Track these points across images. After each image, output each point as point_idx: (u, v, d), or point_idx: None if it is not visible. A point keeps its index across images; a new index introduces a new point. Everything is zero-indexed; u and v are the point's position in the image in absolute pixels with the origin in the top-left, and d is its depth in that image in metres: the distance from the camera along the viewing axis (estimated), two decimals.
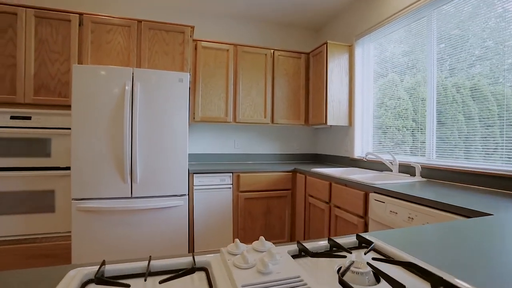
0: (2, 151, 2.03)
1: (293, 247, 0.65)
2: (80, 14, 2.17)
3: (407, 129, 2.22)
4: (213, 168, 2.54)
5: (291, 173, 2.78)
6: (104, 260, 0.55)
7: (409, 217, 1.34)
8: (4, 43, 2.04)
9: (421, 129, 2.09)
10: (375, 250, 0.67)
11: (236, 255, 0.59)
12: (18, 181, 2.05)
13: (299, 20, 3.32)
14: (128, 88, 2.06)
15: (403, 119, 2.25)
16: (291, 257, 0.59)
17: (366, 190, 1.71)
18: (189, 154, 3.12)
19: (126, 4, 2.86)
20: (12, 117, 2.04)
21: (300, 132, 3.54)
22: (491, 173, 1.55)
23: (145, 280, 0.48)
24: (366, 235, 0.72)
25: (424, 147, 2.07)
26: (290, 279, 0.50)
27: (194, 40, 2.76)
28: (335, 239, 0.68)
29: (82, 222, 2.02)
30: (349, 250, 0.59)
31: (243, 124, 3.05)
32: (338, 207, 2.03)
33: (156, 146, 2.16)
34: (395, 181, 1.79)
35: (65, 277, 0.51)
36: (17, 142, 2.05)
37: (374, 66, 2.63)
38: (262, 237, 0.64)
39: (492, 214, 1.01)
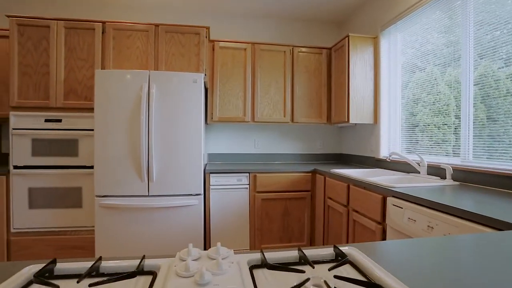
0: (38, 151, 2.23)
1: (257, 256, 0.59)
2: (103, 22, 2.31)
3: (438, 128, 1.98)
4: (230, 168, 2.53)
5: (310, 174, 2.66)
6: (55, 259, 0.54)
7: (428, 226, 1.18)
8: (39, 53, 2.24)
9: (455, 127, 1.85)
10: (355, 265, 0.58)
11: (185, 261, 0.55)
12: (51, 178, 2.25)
13: (320, 14, 3.16)
14: (144, 90, 2.14)
15: (436, 116, 2.01)
16: (247, 268, 0.53)
17: (384, 193, 1.56)
18: (210, 154, 3.15)
19: (144, 9, 2.99)
20: (46, 120, 2.24)
21: (323, 131, 3.38)
22: None
23: (78, 282, 0.46)
24: (346, 247, 0.63)
25: (458, 146, 1.82)
26: None
27: (211, 41, 2.78)
28: (304, 250, 0.60)
29: (104, 217, 2.15)
30: (312, 263, 0.51)
31: (262, 124, 3.00)
32: (356, 211, 1.88)
33: (171, 145, 2.21)
34: (420, 184, 1.60)
35: (16, 274, 0.51)
36: (50, 142, 2.25)
37: (401, 58, 2.39)
38: (218, 243, 0.59)
39: None
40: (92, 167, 2.29)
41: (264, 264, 0.55)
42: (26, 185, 2.23)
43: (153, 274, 0.54)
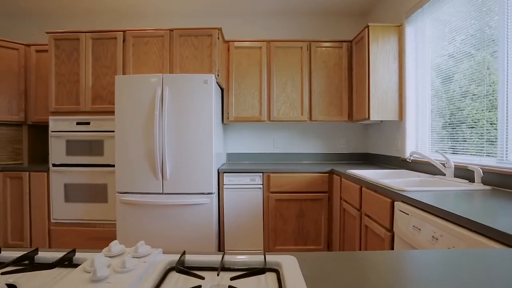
0: (71, 151, 2.49)
1: (182, 258, 0.57)
2: (124, 31, 2.48)
3: (466, 125, 1.72)
4: (243, 168, 2.53)
5: (327, 175, 2.53)
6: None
7: (433, 237, 1.03)
8: (71, 63, 2.50)
9: (491, 123, 1.58)
10: (279, 276, 0.52)
11: (111, 256, 0.55)
12: (81, 175, 2.49)
13: (340, 6, 2.98)
14: (158, 93, 2.24)
15: (470, 110, 1.75)
16: (161, 269, 0.52)
17: (393, 197, 1.40)
18: (229, 153, 3.19)
19: (160, 16, 3.15)
20: (77, 123, 2.49)
21: (347, 129, 3.19)
22: None
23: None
24: (283, 256, 0.57)
25: (494, 145, 1.56)
26: None
27: (226, 42, 2.81)
28: (231, 255, 0.56)
29: (124, 212, 2.31)
30: (201, 276, 0.48)
31: (280, 123, 2.94)
32: (368, 216, 1.73)
33: (183, 145, 2.28)
34: (439, 188, 1.41)
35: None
36: (81, 143, 2.48)
37: (431, 46, 2.13)
38: (141, 242, 0.58)
39: None
40: (114, 165, 2.47)
41: (173, 268, 0.53)
42: (62, 181, 2.50)
43: (75, 266, 0.55)
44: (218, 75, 2.52)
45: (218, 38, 2.50)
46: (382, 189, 1.50)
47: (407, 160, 1.90)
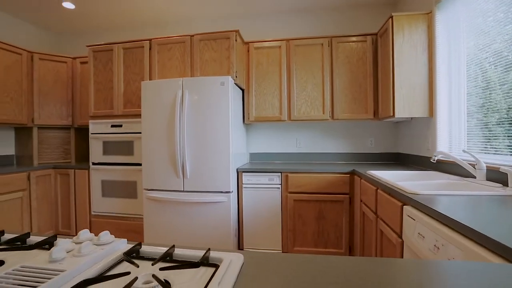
0: (107, 151, 2.76)
1: (136, 248, 0.61)
2: (149, 40, 2.67)
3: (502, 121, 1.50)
4: (261, 168, 2.55)
5: (348, 175, 2.41)
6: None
7: (435, 246, 0.93)
8: (107, 72, 2.77)
9: None
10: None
11: (77, 243, 0.63)
12: (115, 173, 2.75)
13: None
14: (178, 96, 2.37)
15: None
16: (113, 256, 0.57)
17: (404, 201, 1.29)
18: (251, 153, 3.23)
19: (181, 22, 3.31)
20: (112, 126, 2.76)
21: (374, 127, 3.00)
22: None
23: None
24: (232, 253, 0.58)
25: None
26: (51, 270, 0.49)
27: (246, 43, 2.85)
28: (181, 249, 0.58)
29: (150, 208, 2.49)
30: (136, 264, 0.51)
31: (302, 122, 2.90)
32: (383, 220, 1.62)
33: (202, 145, 2.38)
34: (461, 192, 1.26)
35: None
36: (115, 144, 2.74)
37: (466, 33, 1.90)
38: (106, 231, 0.64)
39: None
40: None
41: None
42: (100, 178, 2.79)
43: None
44: (236, 76, 2.57)
45: (235, 40, 2.55)
46: (395, 192, 1.40)
47: (431, 160, 1.73)
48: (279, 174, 2.53)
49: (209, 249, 0.58)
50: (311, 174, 2.46)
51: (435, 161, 1.72)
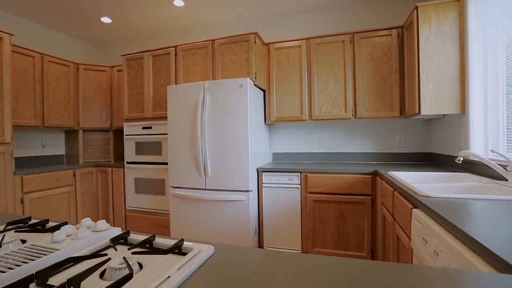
0: (139, 151, 3.01)
1: (124, 235, 0.70)
2: (175, 46, 2.85)
3: None
4: (281, 167, 2.57)
5: (370, 176, 2.32)
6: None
7: (435, 251, 0.88)
8: (138, 78, 3.02)
9: None
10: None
11: (79, 228, 0.73)
12: (146, 171, 2.98)
13: None
14: (200, 99, 2.50)
15: None
16: (104, 241, 0.66)
17: (414, 204, 1.23)
18: (274, 153, 3.26)
19: (205, 28, 3.44)
20: (143, 128, 2.99)
21: (404, 126, 2.83)
22: None
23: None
24: (195, 245, 0.63)
25: None
26: (50, 249, 0.59)
27: (266, 44, 2.89)
28: (160, 238, 0.65)
29: (175, 204, 2.66)
30: (116, 248, 0.58)
31: (326, 122, 2.86)
32: (398, 224, 1.54)
33: (222, 146, 2.47)
34: (488, 196, 1.15)
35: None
36: (145, 144, 2.98)
37: (505, 19, 1.71)
38: (102, 220, 0.73)
39: None
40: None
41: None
42: (133, 175, 3.05)
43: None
44: (256, 78, 2.62)
45: (254, 42, 2.60)
46: (407, 194, 1.32)
47: (456, 161, 1.59)
48: (299, 174, 2.53)
49: (182, 240, 0.63)
50: (330, 175, 2.41)
51: (460, 162, 1.59)
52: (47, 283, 0.50)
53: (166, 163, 2.89)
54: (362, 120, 2.67)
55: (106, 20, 3.20)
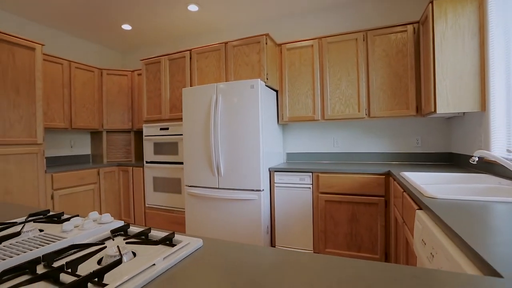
0: (157, 151, 3.15)
1: (124, 227, 0.76)
2: (190, 50, 2.96)
3: None
4: (293, 167, 2.58)
5: (383, 177, 2.27)
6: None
7: (431, 253, 0.87)
8: (156, 81, 3.16)
9: None
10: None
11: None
12: (163, 170, 3.11)
13: None
14: (213, 100, 2.58)
15: None
16: (106, 232, 0.73)
17: (419, 205, 1.20)
18: (288, 153, 3.27)
19: (219, 31, 3.52)
20: (160, 129, 3.13)
21: (422, 125, 2.72)
22: None
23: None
24: (185, 237, 0.68)
25: None
26: (58, 237, 0.67)
27: (278, 45, 2.91)
28: (153, 231, 0.71)
29: (190, 202, 2.76)
30: (113, 238, 0.64)
31: (340, 121, 2.84)
32: (407, 226, 1.50)
33: (233, 146, 2.53)
34: (505, 198, 1.10)
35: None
36: (163, 145, 3.11)
37: None
38: (107, 214, 0.80)
39: (502, 277, 0.52)
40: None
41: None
42: (152, 174, 3.20)
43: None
44: (267, 79, 2.65)
45: (266, 44, 2.63)
46: (413, 195, 1.29)
47: (471, 161, 1.52)
48: (310, 174, 2.52)
49: (173, 232, 0.69)
50: (342, 175, 2.39)
51: (475, 162, 1.51)
52: (52, 265, 0.57)
53: (182, 163, 3.00)
54: (376, 119, 2.60)
55: (126, 27, 3.38)
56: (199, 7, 2.97)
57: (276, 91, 2.97)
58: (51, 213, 0.95)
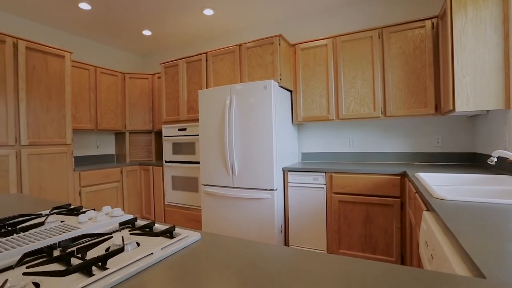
0: (175, 151, 3.28)
1: (132, 221, 0.83)
2: (206, 53, 3.05)
3: None
4: (306, 167, 2.58)
5: (399, 177, 2.21)
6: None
7: (431, 255, 0.86)
8: (174, 84, 3.30)
9: None
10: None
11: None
12: (181, 170, 3.23)
13: None
14: (227, 102, 2.65)
15: None
16: (116, 224, 0.80)
17: (427, 206, 1.17)
18: (303, 153, 3.27)
19: (232, 33, 3.57)
20: (178, 129, 3.26)
21: (442, 123, 2.61)
22: None
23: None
24: (185, 231, 0.73)
25: None
26: (74, 227, 0.75)
27: (292, 46, 2.92)
28: (157, 224, 0.77)
29: (206, 201, 2.85)
30: (120, 230, 0.71)
31: (354, 121, 2.81)
32: (418, 227, 1.46)
33: (247, 146, 2.58)
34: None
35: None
36: (181, 145, 3.24)
37: None
38: (118, 208, 0.88)
39: (484, 277, 0.52)
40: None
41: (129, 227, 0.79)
42: (170, 173, 3.34)
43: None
44: (280, 79, 2.68)
45: (279, 44, 2.66)
46: (423, 196, 1.26)
47: (489, 162, 1.45)
48: (324, 174, 2.51)
49: (174, 226, 0.74)
50: (356, 175, 2.35)
51: (493, 163, 1.44)
52: (66, 251, 0.64)
53: (199, 162, 3.10)
54: (393, 118, 2.53)
55: (147, 32, 3.56)
56: (214, 11, 3.06)
57: (291, 91, 2.99)
58: (71, 207, 1.06)
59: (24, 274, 0.51)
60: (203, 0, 2.83)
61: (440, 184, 1.74)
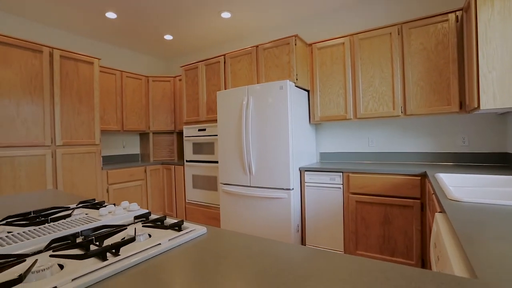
0: (195, 150, 3.40)
1: (147, 215, 0.91)
2: (224, 55, 3.13)
3: None
4: (323, 167, 2.57)
5: (419, 178, 2.13)
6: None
7: (438, 256, 0.84)
8: (194, 86, 3.42)
9: None
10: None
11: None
12: (201, 169, 3.35)
13: None
14: (244, 102, 2.70)
15: None
16: (131, 217, 0.88)
17: (440, 207, 1.14)
18: (321, 153, 3.25)
19: (250, 34, 3.60)
20: (198, 130, 3.37)
21: (469, 122, 2.48)
22: None
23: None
24: (198, 226, 0.79)
25: None
26: (95, 219, 0.84)
27: (309, 45, 2.91)
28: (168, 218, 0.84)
29: (224, 199, 2.93)
30: (134, 222, 0.78)
31: (373, 120, 2.76)
32: None
33: (264, 146, 2.62)
34: None
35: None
36: (201, 145, 3.35)
37: None
38: (134, 203, 0.96)
39: (477, 278, 0.52)
40: None
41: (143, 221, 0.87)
42: (191, 172, 3.46)
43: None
44: (297, 79, 2.69)
45: (295, 44, 2.67)
46: (438, 197, 1.23)
47: None
48: (341, 173, 2.49)
49: (182, 220, 0.80)
50: (374, 175, 2.31)
51: None
52: (88, 239, 0.72)
53: (218, 162, 3.19)
54: (414, 116, 2.45)
55: (168, 37, 3.72)
56: (231, 14, 3.13)
57: (308, 91, 2.98)
58: (95, 201, 1.16)
59: (51, 256, 0.59)
60: (221, 4, 2.91)
61: (461, 185, 1.67)
